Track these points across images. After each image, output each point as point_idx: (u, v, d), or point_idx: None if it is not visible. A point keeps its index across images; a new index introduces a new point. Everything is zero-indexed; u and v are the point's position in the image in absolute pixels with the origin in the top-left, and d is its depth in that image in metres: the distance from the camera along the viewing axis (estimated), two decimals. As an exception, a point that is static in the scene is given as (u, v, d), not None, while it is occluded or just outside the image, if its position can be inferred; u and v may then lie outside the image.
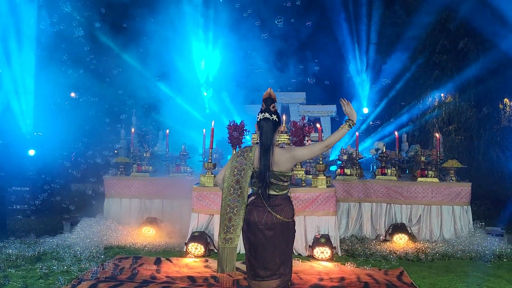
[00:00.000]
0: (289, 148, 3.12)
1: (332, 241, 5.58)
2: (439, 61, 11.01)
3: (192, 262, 5.32)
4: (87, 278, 4.60)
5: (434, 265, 5.35)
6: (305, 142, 6.14)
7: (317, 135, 6.64)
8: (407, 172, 8.07)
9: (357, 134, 7.57)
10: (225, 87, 11.52)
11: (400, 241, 6.21)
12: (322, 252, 5.42)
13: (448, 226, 6.55)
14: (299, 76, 11.16)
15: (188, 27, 11.10)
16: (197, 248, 5.51)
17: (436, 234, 6.55)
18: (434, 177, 6.73)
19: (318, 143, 3.15)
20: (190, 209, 5.98)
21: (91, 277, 4.62)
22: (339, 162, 7.59)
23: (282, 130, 6.27)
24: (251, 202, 3.02)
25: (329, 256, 5.42)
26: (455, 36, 10.75)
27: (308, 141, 6.23)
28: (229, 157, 7.31)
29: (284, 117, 6.69)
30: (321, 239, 5.50)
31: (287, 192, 3.08)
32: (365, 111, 12.46)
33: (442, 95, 11.13)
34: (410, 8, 11.58)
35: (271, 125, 3.00)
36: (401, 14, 11.95)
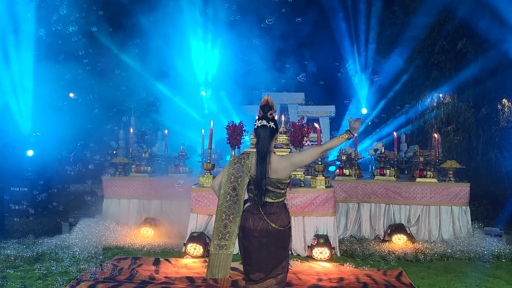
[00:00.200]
0: (288, 155, 3.11)
1: (331, 242, 5.58)
2: (438, 62, 11.03)
3: (191, 262, 5.31)
4: (85, 278, 4.60)
5: (433, 265, 5.36)
6: (304, 142, 6.15)
7: (316, 135, 6.65)
8: (406, 172, 8.09)
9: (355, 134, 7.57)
10: (224, 86, 11.50)
11: (399, 242, 6.22)
12: (321, 252, 5.43)
13: (446, 226, 6.56)
14: (298, 77, 11.15)
15: (187, 26, 11.08)
16: (196, 249, 5.51)
17: (435, 235, 6.56)
18: (432, 177, 6.74)
19: (316, 147, 3.15)
20: (189, 210, 5.97)
21: (90, 277, 4.61)
22: (338, 163, 7.59)
23: (281, 130, 6.28)
24: (246, 209, 3.01)
25: (328, 256, 5.42)
26: (453, 36, 10.77)
27: (307, 142, 6.24)
28: (228, 157, 7.33)
29: (283, 117, 6.69)
30: (320, 240, 5.50)
31: (283, 200, 3.06)
32: (364, 111, 12.46)
33: (441, 95, 11.15)
34: (409, 8, 11.59)
35: (268, 133, 2.99)
36: (400, 14, 11.96)
